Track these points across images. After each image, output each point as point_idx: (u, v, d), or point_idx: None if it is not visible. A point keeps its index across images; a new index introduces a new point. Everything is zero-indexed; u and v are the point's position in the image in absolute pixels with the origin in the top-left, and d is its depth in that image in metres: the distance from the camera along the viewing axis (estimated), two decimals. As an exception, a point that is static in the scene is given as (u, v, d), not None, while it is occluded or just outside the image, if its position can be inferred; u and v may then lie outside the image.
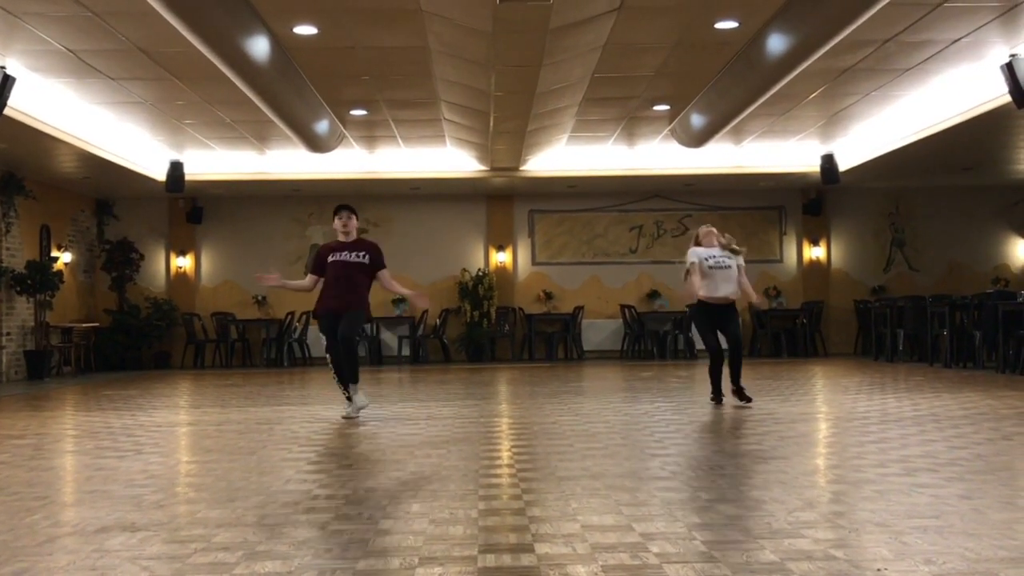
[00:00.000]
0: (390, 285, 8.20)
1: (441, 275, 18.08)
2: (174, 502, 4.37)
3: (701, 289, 8.38)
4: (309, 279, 8.35)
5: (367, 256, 8.08)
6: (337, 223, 8.19)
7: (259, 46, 9.13)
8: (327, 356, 8.05)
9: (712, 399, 8.56)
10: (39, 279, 14.37)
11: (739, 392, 8.24)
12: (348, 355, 7.85)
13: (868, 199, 18.41)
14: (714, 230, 8.73)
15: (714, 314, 8.44)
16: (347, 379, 7.91)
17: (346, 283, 7.94)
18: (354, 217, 8.20)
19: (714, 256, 8.46)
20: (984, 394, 9.10)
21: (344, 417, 7.81)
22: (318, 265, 8.17)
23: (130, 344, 17.02)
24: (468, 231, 18.31)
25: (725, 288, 8.36)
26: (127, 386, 12.63)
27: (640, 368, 14.58)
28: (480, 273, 17.72)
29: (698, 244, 8.66)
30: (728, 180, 16.89)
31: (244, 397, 10.29)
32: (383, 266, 8.17)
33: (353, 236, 8.19)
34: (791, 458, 5.40)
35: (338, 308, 7.89)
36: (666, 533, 3.47)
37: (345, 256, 8.03)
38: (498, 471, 5.02)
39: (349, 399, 7.92)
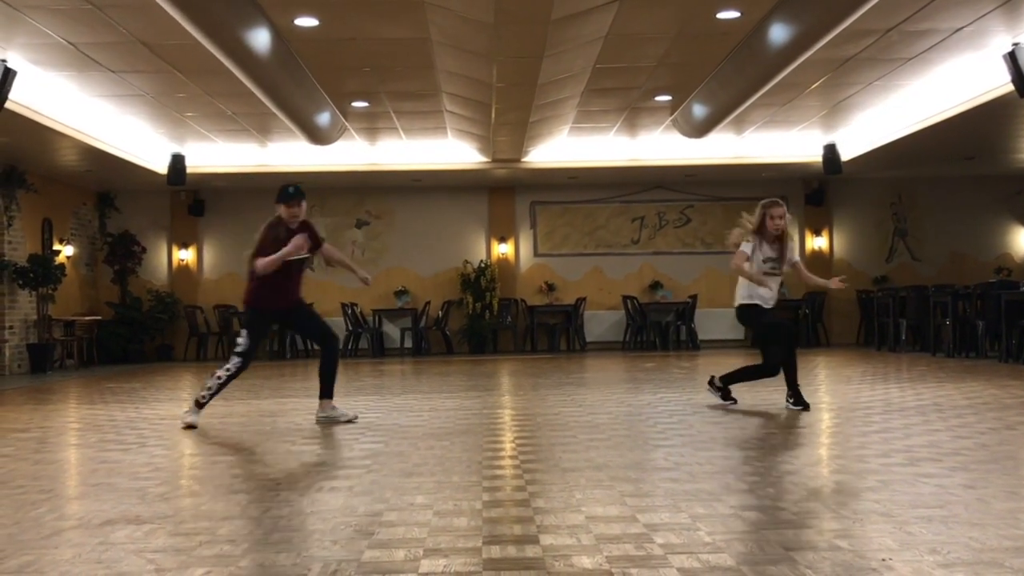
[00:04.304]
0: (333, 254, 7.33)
1: (443, 267, 18.08)
2: (178, 495, 4.37)
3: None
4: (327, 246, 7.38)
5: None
6: (285, 211, 6.90)
7: (260, 38, 9.11)
8: (239, 361, 6.95)
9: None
10: (41, 272, 14.38)
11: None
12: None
13: (870, 189, 18.38)
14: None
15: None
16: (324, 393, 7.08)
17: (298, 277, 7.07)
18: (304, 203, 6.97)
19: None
20: (987, 383, 9.10)
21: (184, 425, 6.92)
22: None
23: (132, 337, 17.04)
24: (470, 223, 18.30)
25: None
26: (130, 379, 12.64)
27: (642, 359, 14.58)
28: (482, 265, 17.72)
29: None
30: (730, 171, 16.86)
31: (247, 389, 10.29)
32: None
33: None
34: (795, 448, 5.40)
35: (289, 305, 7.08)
36: (670, 524, 3.47)
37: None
38: (502, 462, 5.02)
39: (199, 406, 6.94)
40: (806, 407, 7.10)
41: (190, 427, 6.86)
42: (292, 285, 6.99)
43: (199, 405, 6.96)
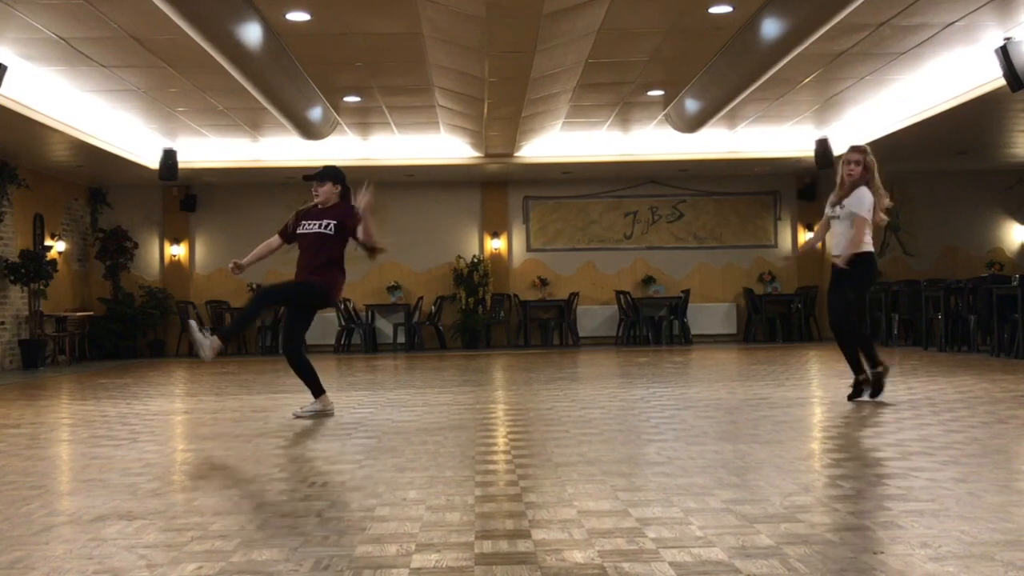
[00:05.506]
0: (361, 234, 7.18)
1: (436, 262, 18.07)
2: (170, 490, 4.37)
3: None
4: (275, 238, 7.58)
5: (331, 225, 7.14)
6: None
7: (251, 33, 9.08)
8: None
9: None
10: (33, 268, 14.33)
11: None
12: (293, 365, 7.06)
13: (862, 184, 18.36)
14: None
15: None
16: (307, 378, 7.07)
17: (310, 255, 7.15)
18: (325, 184, 7.30)
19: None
20: (979, 378, 9.13)
21: None
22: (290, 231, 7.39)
23: (125, 332, 17.00)
24: (463, 218, 18.29)
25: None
26: (122, 374, 12.62)
27: (635, 354, 14.59)
28: (475, 260, 17.71)
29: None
30: (723, 165, 16.87)
31: (240, 385, 10.28)
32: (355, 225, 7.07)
33: (324, 202, 7.34)
34: (786, 443, 5.41)
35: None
36: (662, 518, 3.48)
37: (310, 227, 7.24)
38: (494, 457, 5.02)
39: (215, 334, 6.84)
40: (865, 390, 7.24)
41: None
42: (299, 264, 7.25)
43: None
